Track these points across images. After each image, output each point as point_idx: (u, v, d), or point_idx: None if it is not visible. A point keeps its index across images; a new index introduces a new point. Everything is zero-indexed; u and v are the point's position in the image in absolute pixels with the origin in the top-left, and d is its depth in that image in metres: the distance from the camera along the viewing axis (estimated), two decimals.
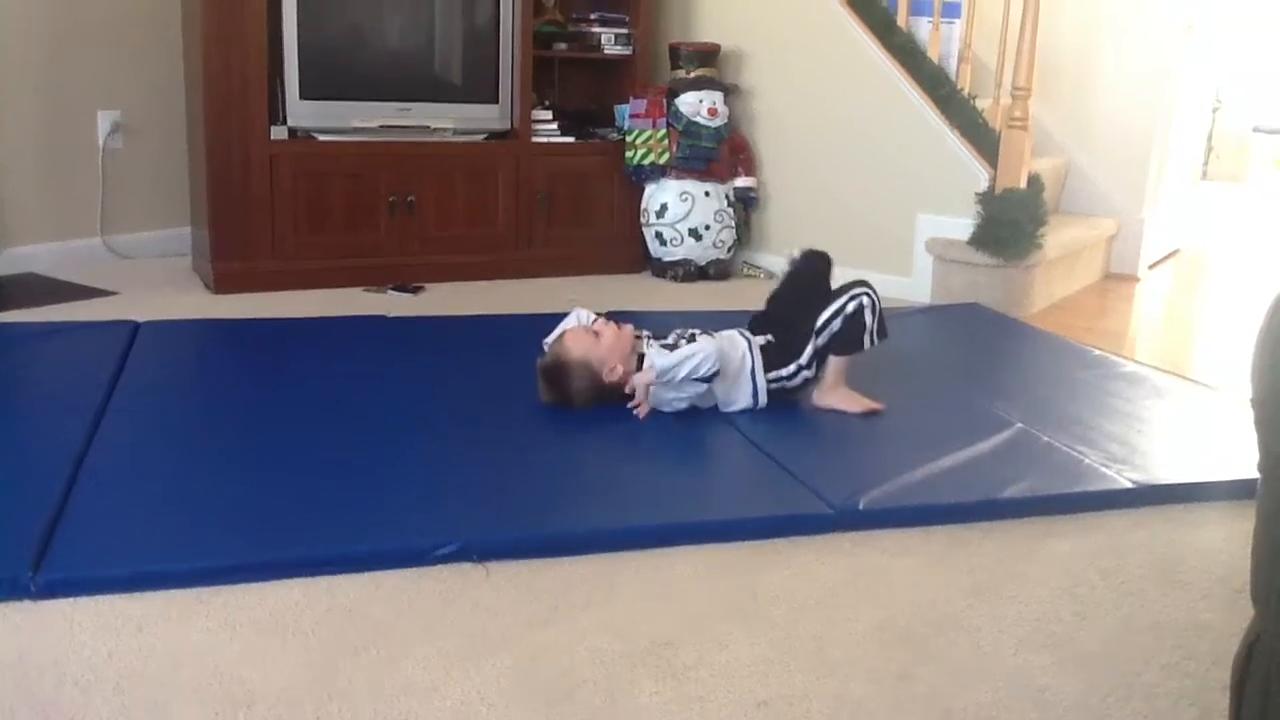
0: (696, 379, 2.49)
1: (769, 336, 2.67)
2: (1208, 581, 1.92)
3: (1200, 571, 1.96)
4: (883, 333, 2.62)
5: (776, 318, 2.75)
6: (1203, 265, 5.18)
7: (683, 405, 2.55)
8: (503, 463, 2.27)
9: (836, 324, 2.58)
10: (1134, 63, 4.52)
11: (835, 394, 2.65)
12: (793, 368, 2.62)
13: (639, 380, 2.50)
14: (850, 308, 2.58)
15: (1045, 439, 2.51)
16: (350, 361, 2.89)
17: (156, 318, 3.21)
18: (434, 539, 1.86)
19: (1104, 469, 2.34)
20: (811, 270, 2.82)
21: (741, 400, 2.60)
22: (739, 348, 2.62)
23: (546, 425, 2.49)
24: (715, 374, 2.50)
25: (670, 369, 2.47)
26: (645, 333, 2.66)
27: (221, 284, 3.64)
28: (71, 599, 1.67)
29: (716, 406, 2.59)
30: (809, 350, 2.61)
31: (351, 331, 3.21)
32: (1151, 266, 4.84)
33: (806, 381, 2.65)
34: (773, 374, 2.61)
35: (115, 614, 1.64)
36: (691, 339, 2.59)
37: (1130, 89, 4.55)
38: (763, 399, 2.60)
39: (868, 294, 2.59)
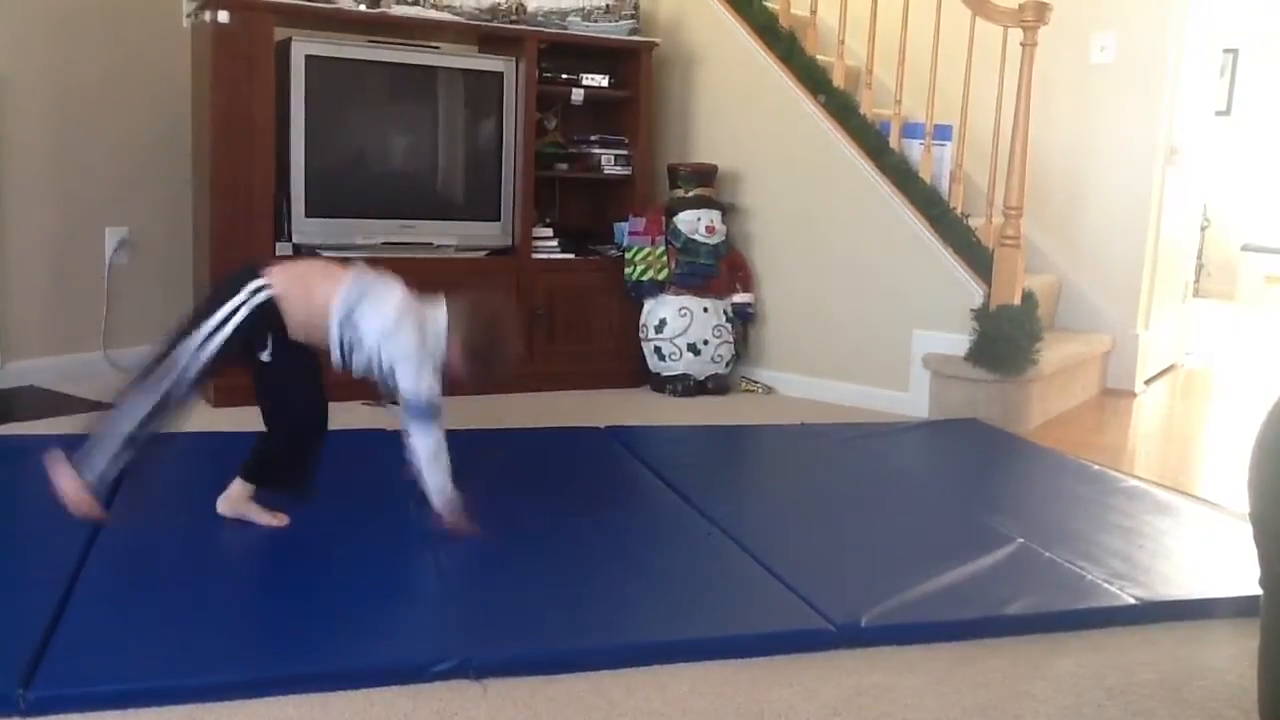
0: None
1: None
2: (1216, 701, 1.89)
3: (1207, 690, 1.93)
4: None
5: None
6: (1199, 381, 5.21)
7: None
8: (500, 578, 2.25)
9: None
10: (1122, 183, 4.61)
11: (240, 503, 2.50)
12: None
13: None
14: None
15: (1047, 555, 2.49)
16: (347, 475, 2.88)
17: None
18: (430, 655, 1.84)
19: (1106, 585, 2.33)
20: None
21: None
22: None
23: (544, 540, 2.48)
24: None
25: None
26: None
27: (222, 397, 3.65)
28: (62, 716, 1.64)
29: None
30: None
31: (349, 445, 3.21)
32: (1148, 382, 4.87)
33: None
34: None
35: None
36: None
37: (1119, 208, 4.63)
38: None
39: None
